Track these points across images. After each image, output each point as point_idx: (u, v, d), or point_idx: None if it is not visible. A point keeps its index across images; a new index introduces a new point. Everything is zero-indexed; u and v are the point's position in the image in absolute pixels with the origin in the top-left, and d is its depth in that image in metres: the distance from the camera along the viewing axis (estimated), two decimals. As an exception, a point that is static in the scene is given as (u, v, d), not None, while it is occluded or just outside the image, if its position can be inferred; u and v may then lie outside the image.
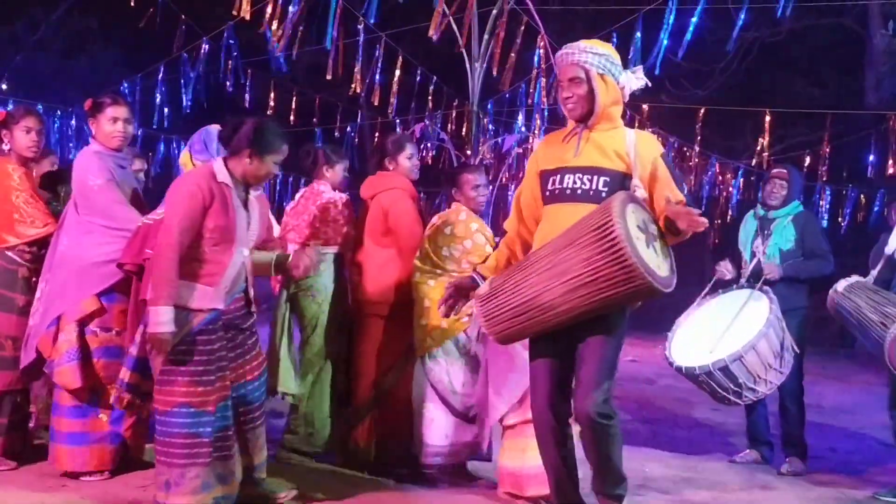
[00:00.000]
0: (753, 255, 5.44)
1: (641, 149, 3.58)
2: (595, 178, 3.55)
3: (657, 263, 3.32)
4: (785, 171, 5.60)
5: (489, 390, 4.34)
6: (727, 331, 4.81)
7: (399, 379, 4.72)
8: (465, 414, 4.54)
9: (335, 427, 4.88)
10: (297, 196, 5.18)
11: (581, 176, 3.56)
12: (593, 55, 3.58)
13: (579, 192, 3.56)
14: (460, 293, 3.84)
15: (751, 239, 5.53)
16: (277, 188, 12.43)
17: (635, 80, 3.72)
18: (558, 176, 3.62)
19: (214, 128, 4.22)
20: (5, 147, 4.52)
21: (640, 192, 3.51)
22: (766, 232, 5.46)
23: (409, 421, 4.62)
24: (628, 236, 3.20)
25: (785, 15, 6.83)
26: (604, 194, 3.50)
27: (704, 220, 3.33)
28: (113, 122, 4.31)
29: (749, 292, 5.06)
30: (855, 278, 4.95)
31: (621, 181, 3.54)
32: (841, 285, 4.90)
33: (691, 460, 5.56)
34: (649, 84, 3.80)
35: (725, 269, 5.42)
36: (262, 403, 4.02)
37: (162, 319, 3.59)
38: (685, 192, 3.57)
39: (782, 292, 5.05)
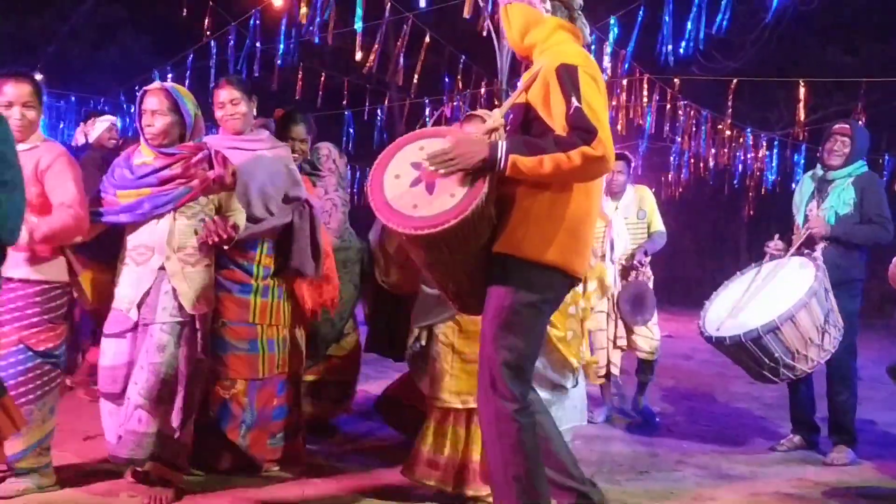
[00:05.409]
0: (807, 219, 4.95)
1: (542, 68, 2.96)
2: (507, 117, 3.10)
3: (418, 202, 2.77)
4: (847, 126, 4.99)
5: None
6: (765, 299, 4.48)
7: None
8: None
9: None
10: None
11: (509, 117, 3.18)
12: None
13: None
14: None
15: (805, 201, 5.04)
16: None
17: None
18: None
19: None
20: None
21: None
22: (822, 194, 4.95)
23: None
24: (376, 180, 2.83)
25: None
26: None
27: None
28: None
29: (797, 260, 4.68)
30: None
31: (524, 113, 3.01)
32: None
33: (728, 434, 5.54)
34: None
35: (775, 249, 4.91)
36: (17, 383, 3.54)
37: None
38: (579, 102, 2.79)
39: (836, 261, 4.68)
